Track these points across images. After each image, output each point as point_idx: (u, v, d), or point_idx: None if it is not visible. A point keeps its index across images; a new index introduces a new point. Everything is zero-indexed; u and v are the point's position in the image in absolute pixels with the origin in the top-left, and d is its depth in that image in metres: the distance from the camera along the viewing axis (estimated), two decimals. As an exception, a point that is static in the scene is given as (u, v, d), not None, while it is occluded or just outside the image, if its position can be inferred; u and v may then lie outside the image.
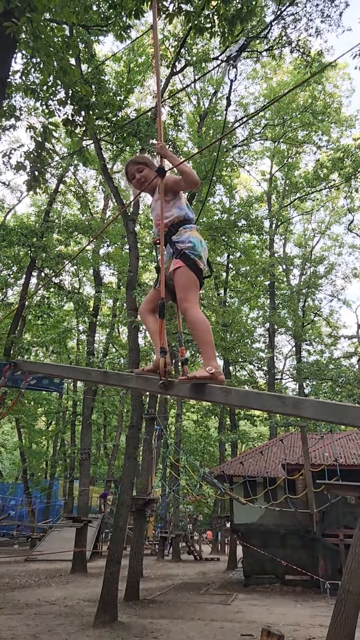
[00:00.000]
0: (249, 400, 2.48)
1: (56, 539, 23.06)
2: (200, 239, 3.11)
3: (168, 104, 15.59)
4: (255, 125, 22.54)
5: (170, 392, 2.78)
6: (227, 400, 2.52)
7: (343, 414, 2.10)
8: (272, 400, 2.32)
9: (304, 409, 2.21)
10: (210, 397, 2.61)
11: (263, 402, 2.36)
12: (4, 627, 8.88)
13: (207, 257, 3.14)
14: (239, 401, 2.49)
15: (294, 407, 2.24)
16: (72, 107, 8.47)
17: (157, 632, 9.05)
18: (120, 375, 3.21)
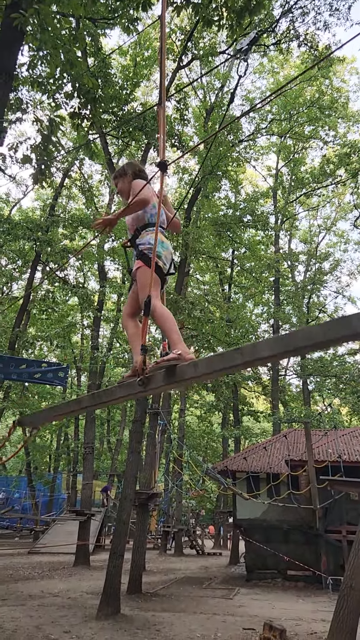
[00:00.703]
0: (215, 364, 2.51)
1: (59, 532, 23.19)
2: (162, 240, 3.27)
3: (174, 98, 15.53)
4: (261, 120, 22.46)
5: (150, 388, 2.82)
6: (197, 372, 2.55)
7: (292, 341, 2.17)
8: (233, 356, 2.38)
9: (260, 351, 2.27)
10: (183, 376, 2.62)
11: (225, 361, 2.40)
12: (7, 618, 8.94)
13: (170, 257, 3.31)
14: (207, 368, 2.51)
15: (251, 353, 2.31)
16: (78, 100, 8.45)
17: (159, 625, 9.09)
18: (107, 391, 3.26)
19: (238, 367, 2.40)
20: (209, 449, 37.07)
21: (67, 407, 3.81)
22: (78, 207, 27.42)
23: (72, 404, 3.74)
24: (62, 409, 3.87)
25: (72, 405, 3.73)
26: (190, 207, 18.46)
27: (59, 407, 3.97)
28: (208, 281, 30.98)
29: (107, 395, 3.25)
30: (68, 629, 8.41)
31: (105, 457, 38.04)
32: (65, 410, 3.81)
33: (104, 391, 3.32)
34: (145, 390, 2.82)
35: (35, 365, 13.09)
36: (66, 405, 3.83)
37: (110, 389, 3.25)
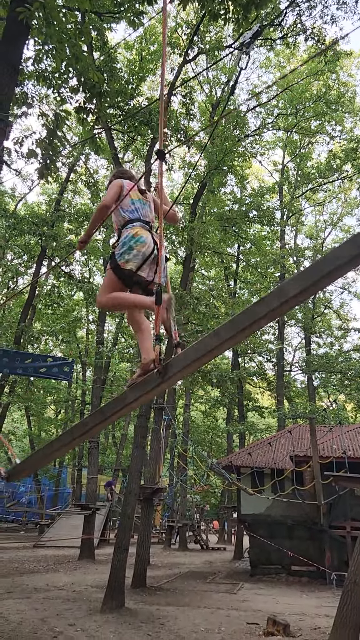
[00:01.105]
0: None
1: (64, 525, 23.33)
2: (134, 234, 3.19)
3: (180, 92, 15.46)
4: (267, 115, 22.32)
5: (169, 377, 2.71)
6: (220, 339, 2.48)
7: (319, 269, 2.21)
8: (257, 308, 2.39)
9: (289, 290, 2.29)
10: (207, 348, 2.55)
11: (247, 316, 2.38)
12: (12, 610, 9.01)
13: (147, 251, 3.16)
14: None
15: (280, 296, 2.33)
16: (84, 94, 8.43)
17: (163, 619, 9.13)
18: (117, 400, 3.01)
19: (262, 319, 2.36)
20: (213, 445, 37.11)
21: (70, 435, 3.24)
22: (84, 201, 27.39)
23: (78, 429, 3.21)
24: (64, 440, 3.28)
25: (78, 429, 3.21)
26: (195, 202, 18.42)
27: (59, 442, 3.30)
28: (213, 276, 30.94)
29: (119, 403, 2.95)
30: (73, 621, 8.46)
31: (110, 451, 38.17)
32: (68, 438, 3.23)
33: (113, 400, 3.04)
34: (164, 380, 2.71)
35: (41, 360, 13.13)
36: (69, 433, 3.26)
37: (121, 396, 2.98)
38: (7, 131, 6.16)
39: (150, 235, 3.23)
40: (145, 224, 3.30)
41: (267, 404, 32.40)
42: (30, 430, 35.15)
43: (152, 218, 3.43)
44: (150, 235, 3.23)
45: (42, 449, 3.46)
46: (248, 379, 29.75)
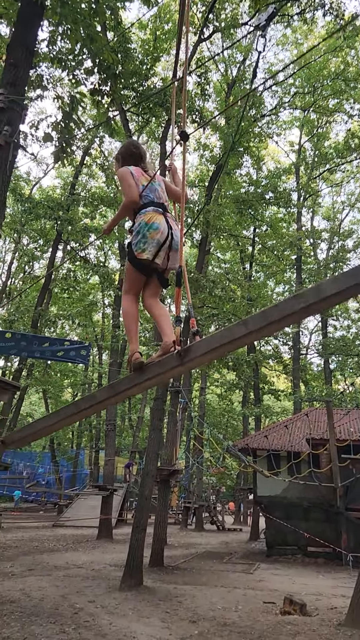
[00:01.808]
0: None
1: (82, 506, 23.74)
2: (148, 220, 3.10)
3: (195, 72, 15.23)
4: (284, 94, 21.91)
5: (188, 359, 2.68)
6: (248, 329, 2.45)
7: None
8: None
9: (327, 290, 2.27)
10: (233, 336, 2.52)
11: (280, 310, 2.34)
12: (34, 587, 9.24)
13: (162, 237, 3.07)
14: (260, 322, 2.47)
15: (317, 294, 2.28)
16: (98, 76, 8.35)
17: (181, 597, 9.29)
18: (130, 377, 2.95)
19: (295, 314, 2.35)
20: (229, 427, 37.29)
21: (73, 408, 3.20)
22: (98, 185, 27.32)
23: (86, 401, 3.16)
24: (66, 412, 3.24)
25: (86, 402, 3.14)
26: (211, 185, 18.25)
27: (61, 412, 3.28)
28: (229, 260, 30.77)
29: (132, 380, 2.92)
30: (92, 598, 8.66)
31: (126, 434, 38.59)
32: (69, 411, 3.20)
33: (126, 378, 2.99)
34: (183, 363, 2.68)
35: (58, 344, 13.26)
36: (73, 406, 3.22)
37: (134, 374, 2.95)
38: (22, 114, 6.14)
39: (164, 218, 3.14)
40: (158, 206, 3.20)
41: (283, 387, 32.37)
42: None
43: (165, 198, 3.33)
44: (164, 219, 3.14)
45: (45, 417, 3.39)
46: (264, 362, 29.69)
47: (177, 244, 3.11)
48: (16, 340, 12.72)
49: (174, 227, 3.13)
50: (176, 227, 3.16)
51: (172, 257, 3.12)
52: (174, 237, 3.09)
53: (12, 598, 8.28)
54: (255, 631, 7.26)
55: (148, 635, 6.75)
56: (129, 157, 3.48)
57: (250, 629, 7.34)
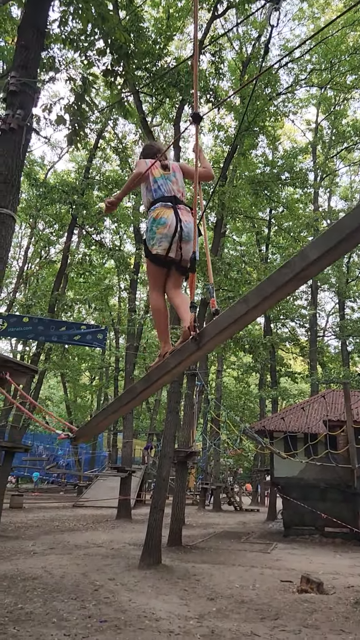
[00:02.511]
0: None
1: (101, 487, 24.13)
2: (155, 216, 3.18)
3: (209, 50, 14.95)
4: (300, 71, 21.41)
5: (204, 343, 2.72)
6: (249, 305, 2.46)
7: None
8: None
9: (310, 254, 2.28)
10: (237, 314, 2.54)
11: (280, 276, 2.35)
12: (55, 565, 9.46)
13: (170, 231, 3.14)
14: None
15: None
16: (111, 56, 8.25)
17: (199, 576, 9.44)
18: (160, 366, 3.06)
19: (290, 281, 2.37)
20: (246, 410, 37.37)
21: (121, 401, 3.42)
22: (112, 168, 27.19)
23: (127, 395, 3.38)
24: (115, 406, 3.47)
25: (127, 396, 3.37)
26: (226, 166, 18.04)
27: (114, 405, 3.52)
28: (245, 242, 30.53)
29: (162, 370, 3.04)
30: (112, 576, 8.84)
31: (144, 416, 38.93)
32: (118, 404, 3.43)
33: (157, 368, 3.11)
34: (200, 347, 2.73)
35: (75, 328, 13.37)
36: (119, 401, 3.44)
37: (163, 363, 3.07)
38: (35, 97, 6.10)
39: (172, 212, 3.19)
40: (167, 200, 3.26)
41: (300, 370, 32.25)
42: (66, 396, 36.12)
43: (177, 190, 3.36)
44: (173, 212, 3.18)
45: (98, 414, 3.72)
46: (280, 344, 29.58)
47: (187, 235, 3.15)
48: (34, 325, 12.87)
49: (184, 218, 3.18)
50: (188, 219, 3.20)
51: (184, 248, 3.18)
52: (183, 229, 3.13)
53: (35, 575, 8.50)
54: (273, 609, 7.35)
55: (167, 611, 6.89)
56: (147, 154, 3.66)
57: (267, 607, 7.45)
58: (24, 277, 29.44)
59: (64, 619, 6.27)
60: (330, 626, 6.59)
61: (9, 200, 5.54)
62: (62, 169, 32.57)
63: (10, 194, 5.58)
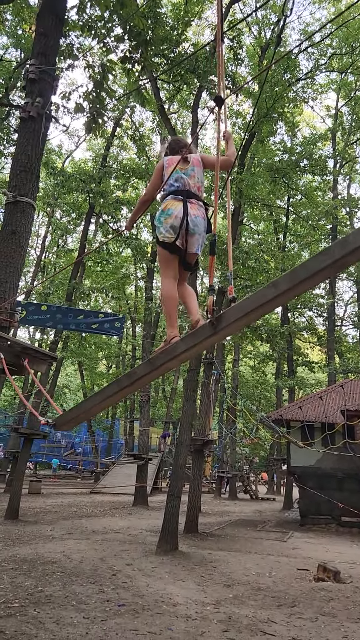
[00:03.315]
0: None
1: (118, 474, 24.38)
2: (164, 208, 3.29)
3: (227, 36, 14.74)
4: (320, 56, 21.04)
5: (221, 328, 2.66)
6: (277, 290, 2.43)
7: None
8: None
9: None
10: (262, 300, 2.49)
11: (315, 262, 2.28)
12: (74, 550, 9.61)
13: (177, 221, 3.21)
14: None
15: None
16: (129, 43, 8.19)
17: (215, 562, 9.52)
18: (167, 351, 2.94)
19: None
20: (262, 399, 37.34)
21: (117, 385, 3.19)
22: (130, 157, 27.12)
23: (125, 379, 3.14)
24: (112, 389, 3.21)
25: (125, 380, 3.13)
26: (244, 153, 17.86)
27: (107, 390, 3.26)
28: (262, 230, 30.28)
29: (169, 355, 2.91)
30: (130, 562, 8.96)
31: (160, 405, 39.14)
32: (115, 388, 3.18)
33: (163, 352, 2.97)
34: (216, 332, 2.67)
35: (93, 316, 13.42)
36: (116, 384, 3.20)
37: (171, 347, 2.94)
38: (54, 85, 6.09)
39: (181, 205, 3.26)
40: (179, 194, 3.32)
41: (317, 359, 32.07)
42: (83, 384, 36.45)
43: (193, 184, 3.41)
44: (182, 205, 3.26)
45: (90, 398, 3.43)
46: (298, 333, 29.40)
47: (193, 229, 3.22)
48: (52, 313, 12.96)
49: (192, 212, 3.24)
50: (197, 213, 3.26)
51: (190, 241, 3.25)
52: (189, 222, 3.20)
53: (54, 559, 8.65)
54: (289, 596, 7.39)
55: (184, 597, 6.97)
56: (173, 149, 3.69)
57: (284, 594, 7.48)
58: (41, 266, 29.63)
59: (83, 602, 6.38)
60: (348, 615, 6.60)
61: (28, 189, 5.57)
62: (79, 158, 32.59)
63: (30, 182, 5.61)
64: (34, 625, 5.41)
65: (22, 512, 13.94)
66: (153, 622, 5.82)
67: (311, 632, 5.86)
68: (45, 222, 31.56)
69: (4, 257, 5.42)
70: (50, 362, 5.89)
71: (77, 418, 3.60)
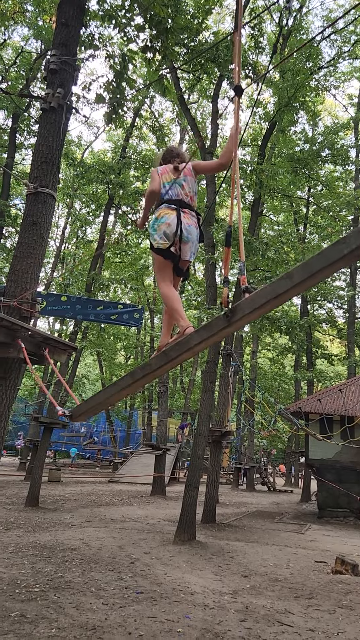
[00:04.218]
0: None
1: (136, 464, 24.59)
2: (158, 216, 3.39)
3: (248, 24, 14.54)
4: (344, 42, 20.62)
5: (236, 320, 2.64)
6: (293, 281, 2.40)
7: None
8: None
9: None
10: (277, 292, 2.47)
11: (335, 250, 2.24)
12: (93, 537, 9.74)
13: (166, 229, 3.30)
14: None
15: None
16: (149, 32, 8.15)
17: (233, 553, 9.56)
18: (181, 343, 2.93)
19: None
20: (281, 391, 37.18)
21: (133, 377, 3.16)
22: (149, 147, 27.04)
23: (140, 371, 3.13)
24: (126, 381, 3.21)
25: (140, 372, 3.12)
26: (264, 143, 17.67)
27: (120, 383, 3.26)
28: (282, 221, 29.99)
29: (182, 347, 2.90)
30: (148, 550, 9.04)
31: (178, 396, 39.26)
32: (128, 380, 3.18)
33: (177, 344, 2.96)
34: (231, 323, 2.65)
35: (112, 307, 13.49)
36: (131, 376, 3.18)
37: (184, 339, 2.93)
38: (75, 76, 6.10)
39: (174, 213, 3.35)
40: (172, 203, 3.42)
41: (337, 352, 31.78)
42: (102, 374, 36.72)
43: (185, 194, 3.50)
44: (175, 214, 3.35)
45: (105, 389, 3.45)
46: (317, 326, 29.15)
47: (186, 237, 3.33)
48: (71, 304, 13.05)
49: (185, 221, 3.35)
50: (190, 222, 3.39)
51: (183, 249, 3.35)
52: (183, 231, 3.31)
53: (73, 546, 8.78)
54: (307, 588, 7.39)
55: (202, 586, 7.02)
56: (165, 159, 3.82)
57: (301, 586, 7.49)
58: (60, 257, 29.83)
59: (102, 588, 6.47)
60: (365, 608, 6.58)
61: (49, 180, 5.60)
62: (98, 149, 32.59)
63: (50, 174, 5.64)
64: (54, 610, 5.51)
65: (42, 500, 14.16)
66: (171, 610, 5.88)
67: (329, 624, 5.86)
68: (64, 213, 31.73)
69: (25, 247, 5.47)
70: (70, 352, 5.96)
71: (92, 409, 3.63)
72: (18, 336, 4.76)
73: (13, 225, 21.46)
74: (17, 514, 12.03)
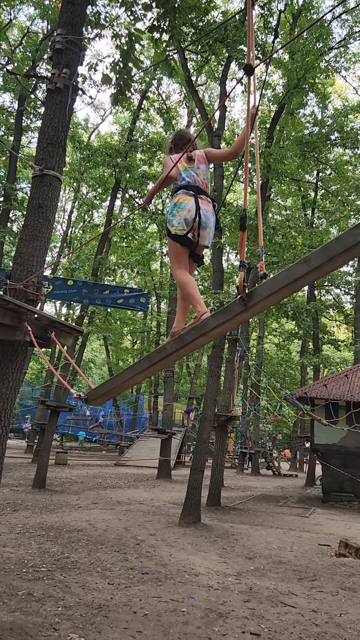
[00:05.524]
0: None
1: (142, 447, 24.80)
2: (176, 201, 3.39)
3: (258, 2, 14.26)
4: (355, 22, 20.19)
5: (252, 304, 2.64)
6: (310, 266, 2.40)
7: None
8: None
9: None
10: (294, 276, 2.47)
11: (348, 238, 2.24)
12: (99, 519, 9.86)
13: (190, 214, 3.32)
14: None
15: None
16: (157, 11, 8.00)
17: (237, 535, 9.65)
18: (197, 327, 2.93)
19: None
20: (287, 377, 37.22)
21: (148, 361, 3.21)
22: (156, 130, 26.77)
23: (156, 355, 3.18)
24: (144, 364, 3.27)
25: (156, 356, 3.18)
26: (273, 126, 17.45)
27: (140, 364, 3.32)
28: (290, 206, 29.73)
29: (198, 332, 2.91)
30: (153, 532, 9.15)
31: (184, 380, 39.40)
32: (145, 364, 3.24)
33: (193, 328, 2.97)
34: (247, 308, 2.64)
35: (118, 291, 13.49)
36: (147, 360, 3.23)
37: (200, 324, 2.94)
38: (81, 56, 6.00)
39: (193, 199, 3.37)
40: (190, 189, 3.43)
41: (344, 337, 31.69)
42: (108, 359, 36.87)
43: (201, 181, 3.52)
44: (194, 200, 3.37)
45: (121, 373, 3.49)
46: (324, 311, 29.04)
47: (205, 223, 3.36)
48: (78, 288, 13.06)
49: (203, 207, 3.38)
50: (208, 208, 3.41)
51: (202, 234, 3.38)
52: (201, 217, 3.34)
53: (79, 527, 8.89)
54: (310, 570, 7.46)
55: (206, 567, 7.10)
56: (177, 144, 3.80)
57: (305, 568, 7.56)
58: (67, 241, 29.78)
59: (108, 569, 6.56)
60: (368, 590, 6.64)
61: (55, 162, 5.55)
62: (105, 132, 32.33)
63: (56, 156, 5.58)
64: (61, 589, 5.60)
65: (49, 482, 14.32)
66: (175, 590, 5.95)
67: (332, 605, 5.92)
68: (71, 197, 31.59)
69: (31, 230, 5.44)
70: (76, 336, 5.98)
71: (109, 393, 3.66)
72: (24, 319, 4.76)
73: (20, 208, 21.41)
74: (24, 495, 12.19)
